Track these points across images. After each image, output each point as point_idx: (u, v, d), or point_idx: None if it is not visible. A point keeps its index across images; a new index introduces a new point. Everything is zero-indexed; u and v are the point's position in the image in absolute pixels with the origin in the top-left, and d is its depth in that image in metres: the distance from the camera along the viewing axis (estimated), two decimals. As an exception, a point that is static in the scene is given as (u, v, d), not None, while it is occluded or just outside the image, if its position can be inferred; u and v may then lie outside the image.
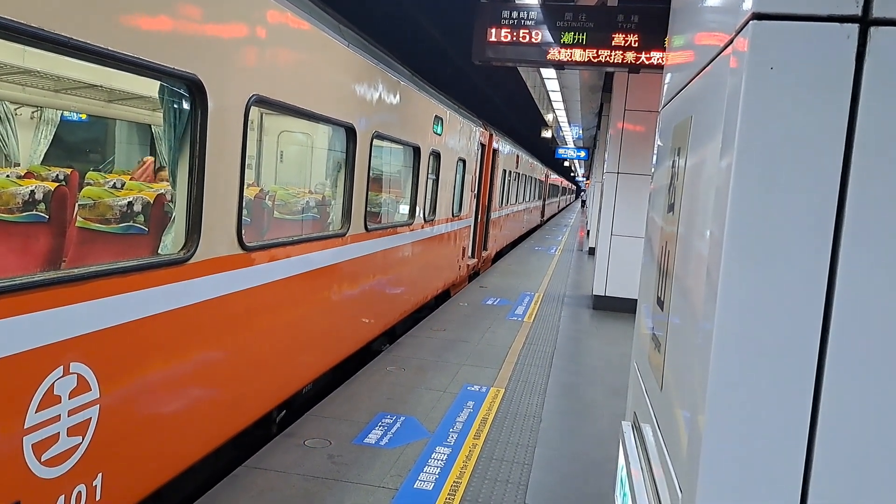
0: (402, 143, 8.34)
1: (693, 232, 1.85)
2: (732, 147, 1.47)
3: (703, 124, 1.86)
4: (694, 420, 1.60)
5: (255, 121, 8.82)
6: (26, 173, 6.38)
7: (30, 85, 7.45)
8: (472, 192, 13.56)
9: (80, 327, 3.16)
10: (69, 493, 3.19)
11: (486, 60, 8.22)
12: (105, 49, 3.14)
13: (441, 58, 47.13)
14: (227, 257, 4.38)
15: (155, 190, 4.96)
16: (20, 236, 4.63)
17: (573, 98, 18.24)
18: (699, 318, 1.64)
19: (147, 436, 3.81)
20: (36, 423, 2.95)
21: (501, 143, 16.81)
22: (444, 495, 4.60)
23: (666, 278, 2.21)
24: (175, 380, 4.01)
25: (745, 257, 1.47)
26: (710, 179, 1.67)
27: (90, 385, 3.25)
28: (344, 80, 6.16)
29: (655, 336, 2.31)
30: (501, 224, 18.91)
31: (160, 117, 4.24)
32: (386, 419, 5.90)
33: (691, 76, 2.13)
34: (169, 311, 3.82)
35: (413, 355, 8.03)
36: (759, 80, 1.44)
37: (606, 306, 11.96)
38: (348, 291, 6.85)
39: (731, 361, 1.49)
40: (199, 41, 3.88)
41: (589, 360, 8.84)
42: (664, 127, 2.68)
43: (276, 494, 4.44)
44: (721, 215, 1.51)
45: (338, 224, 6.60)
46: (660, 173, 2.66)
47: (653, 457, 2.11)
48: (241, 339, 4.73)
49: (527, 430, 5.93)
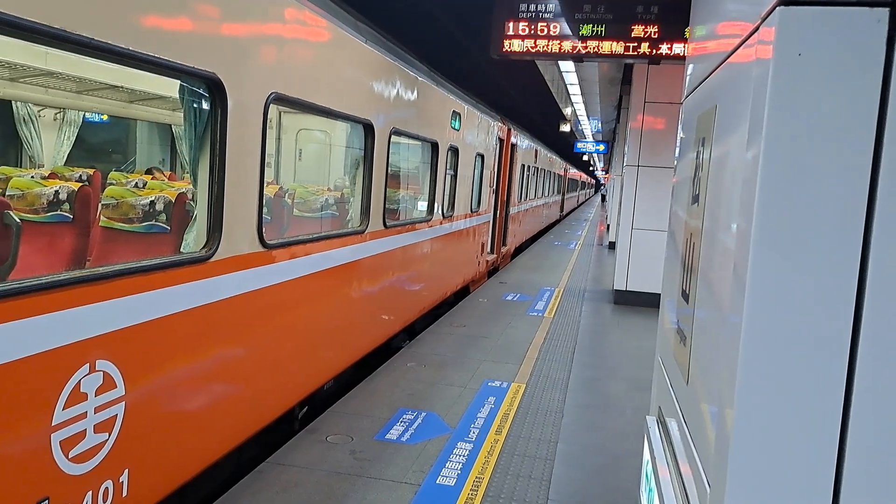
0: (419, 139, 8.33)
1: (719, 224, 1.82)
2: (760, 137, 1.45)
3: (728, 114, 1.83)
4: (722, 415, 1.57)
5: (274, 119, 8.86)
6: (50, 174, 6.45)
7: (52, 87, 7.53)
8: (491, 188, 13.52)
9: (106, 325, 3.19)
10: (96, 490, 3.23)
11: (504, 54, 8.18)
12: (126, 49, 3.16)
13: (458, 53, 47.04)
14: (249, 255, 4.40)
15: (176, 189, 5.00)
16: (46, 236, 4.69)
17: (592, 91, 18.11)
18: (726, 311, 1.62)
19: (172, 432, 3.84)
20: (63, 420, 2.99)
21: (520, 138, 16.75)
22: (467, 491, 4.59)
23: (691, 272, 2.18)
24: (198, 377, 4.04)
25: (773, 250, 1.44)
26: (737, 170, 1.64)
27: (116, 382, 3.28)
28: (361, 77, 6.17)
29: (680, 330, 2.28)
30: (520, 219, 18.84)
31: (180, 117, 4.26)
32: (407, 415, 5.90)
33: (715, 65, 2.10)
34: (192, 309, 3.84)
35: (433, 351, 8.03)
36: (786, 68, 1.41)
37: (628, 301, 11.89)
38: (368, 288, 6.86)
39: (760, 356, 1.46)
40: (218, 40, 3.89)
41: (611, 355, 8.79)
42: (687, 118, 2.65)
43: (299, 490, 4.47)
44: (748, 207, 1.48)
45: (357, 221, 6.61)
46: (683, 165, 2.62)
47: (679, 451, 2.08)
48: (262, 336, 4.75)
49: (549, 425, 5.91)
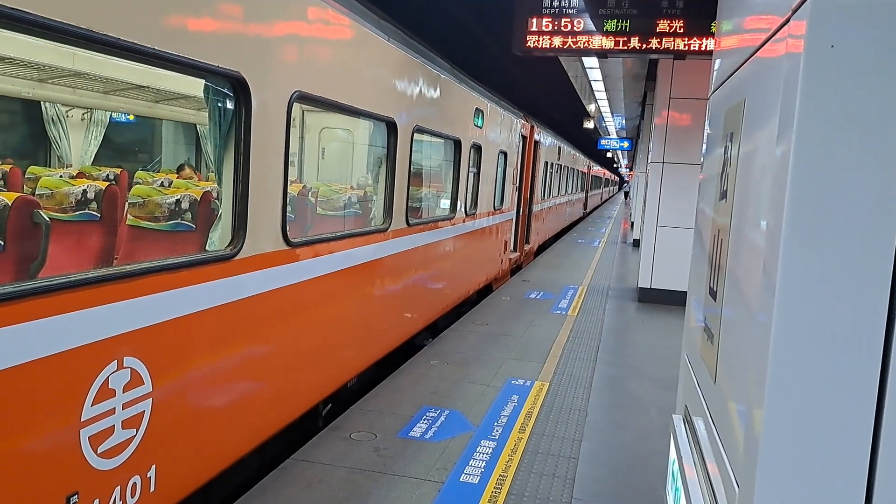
0: (442, 136, 8.32)
1: (748, 221, 1.79)
2: (790, 131, 1.42)
3: (757, 108, 1.80)
4: (751, 414, 1.55)
5: (297, 118, 8.91)
6: (78, 173, 6.56)
7: (80, 87, 7.65)
8: (514, 185, 13.48)
9: (132, 323, 3.23)
10: (125, 485, 3.27)
11: (527, 51, 8.14)
12: (152, 49, 3.19)
13: (481, 49, 46.95)
14: (273, 253, 4.42)
15: (202, 188, 5.04)
16: (74, 235, 4.76)
17: (616, 87, 17.97)
18: (755, 310, 1.59)
19: (198, 429, 3.88)
20: (92, 416, 3.03)
21: (543, 135, 16.67)
22: (491, 489, 4.58)
23: (719, 269, 2.15)
24: (224, 374, 4.08)
25: (804, 247, 1.41)
26: (766, 166, 1.61)
27: (143, 379, 3.32)
28: (384, 75, 6.17)
29: (708, 328, 2.25)
30: (544, 217, 18.76)
31: (205, 116, 4.30)
32: (430, 413, 5.90)
33: (744, 59, 2.06)
34: (217, 307, 3.88)
35: (456, 349, 8.03)
36: (818, 61, 1.38)
37: (652, 299, 11.79)
38: (390, 286, 6.87)
39: (790, 355, 1.43)
40: (242, 39, 3.92)
41: (635, 353, 8.72)
42: (714, 113, 2.61)
43: (323, 486, 4.49)
44: (779, 203, 1.45)
45: (379, 219, 6.62)
46: (710, 161, 2.59)
47: (706, 451, 2.06)
48: (286, 334, 4.78)
49: (572, 423, 5.88)
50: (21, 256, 3.77)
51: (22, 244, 3.76)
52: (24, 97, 7.33)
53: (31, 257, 3.83)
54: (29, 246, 3.81)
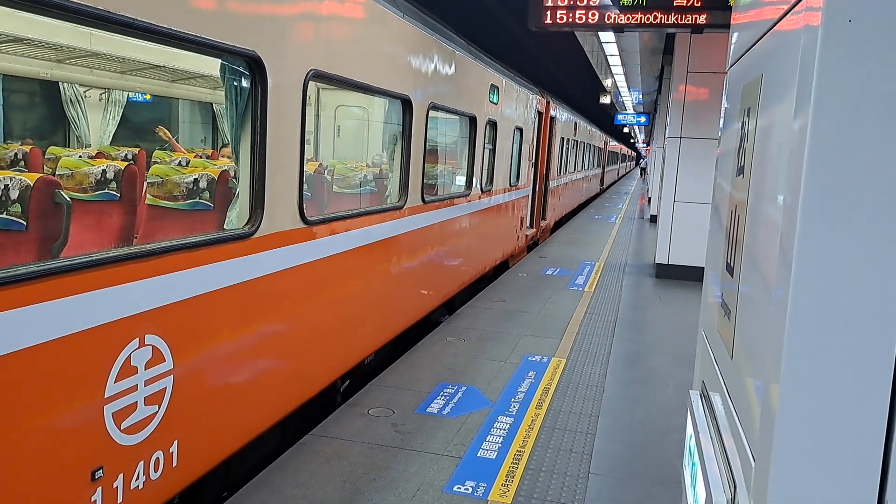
0: (458, 113, 8.29)
1: (765, 196, 1.78)
2: (808, 106, 1.41)
3: (774, 83, 1.78)
4: (767, 389, 1.55)
5: (313, 96, 8.90)
6: (97, 153, 6.61)
7: (97, 67, 7.69)
8: (530, 162, 13.42)
9: (153, 301, 3.28)
10: (148, 459, 3.34)
11: (544, 26, 8.05)
12: (168, 29, 3.20)
13: (496, 25, 46.45)
14: (290, 231, 4.46)
15: (219, 166, 5.07)
16: (94, 214, 4.82)
17: (633, 62, 17.75)
18: (772, 286, 1.59)
19: (219, 405, 3.94)
20: (115, 393, 3.09)
21: (559, 111, 16.54)
22: (508, 464, 4.63)
23: (735, 244, 2.14)
24: (243, 351, 4.13)
25: (821, 223, 1.40)
26: (784, 141, 1.60)
27: (164, 356, 3.37)
28: (399, 52, 6.15)
29: (725, 304, 2.25)
30: (560, 193, 18.68)
31: (221, 95, 4.31)
32: (447, 389, 5.95)
33: (761, 33, 2.04)
34: (235, 285, 3.92)
35: (472, 326, 8.07)
36: (835, 34, 1.36)
37: (669, 274, 11.74)
38: (407, 263, 6.90)
39: (806, 331, 1.43)
40: (257, 18, 3.91)
41: (652, 329, 8.71)
42: (732, 87, 2.58)
43: (343, 461, 4.56)
44: (796, 179, 1.44)
45: (395, 197, 6.63)
46: (728, 136, 2.56)
47: (723, 426, 2.07)
48: (304, 311, 4.83)
49: (590, 399, 5.90)
50: (43, 236, 3.83)
51: (44, 224, 3.82)
52: (43, 78, 7.39)
53: (53, 237, 3.88)
54: (51, 226, 3.86)
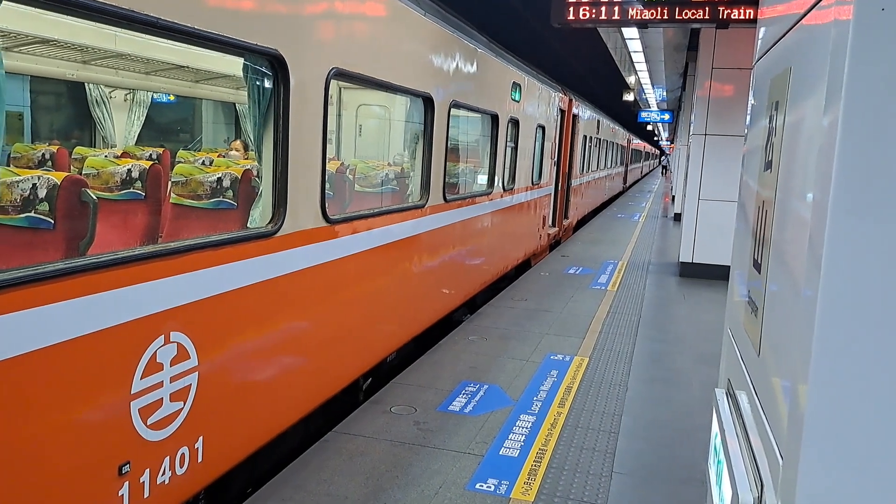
0: (479, 111, 8.27)
1: (793, 193, 1.75)
2: (838, 100, 1.38)
3: (803, 76, 1.75)
4: (795, 388, 1.53)
5: (334, 95, 8.94)
6: (122, 153, 6.69)
7: (122, 68, 7.78)
8: (552, 160, 13.35)
9: (179, 298, 3.31)
10: (174, 455, 3.38)
11: (566, 23, 8.01)
12: (192, 28, 3.23)
13: (518, 22, 46.27)
14: (312, 230, 4.47)
15: (242, 166, 5.11)
16: (120, 213, 4.88)
17: (656, 58, 17.59)
18: (800, 284, 1.56)
19: (243, 401, 3.97)
20: (141, 389, 3.13)
21: (581, 109, 16.45)
22: (530, 462, 4.61)
23: (763, 242, 2.11)
24: (267, 349, 4.16)
25: (851, 220, 1.37)
26: (813, 136, 1.57)
27: (189, 353, 3.40)
28: (421, 50, 6.14)
29: (752, 301, 2.22)
30: (582, 191, 18.57)
31: (244, 95, 4.34)
32: (469, 387, 5.95)
33: (789, 26, 2.00)
34: (259, 283, 3.95)
35: (494, 325, 8.05)
36: (868, 24, 1.33)
37: (694, 273, 11.63)
38: (428, 262, 6.90)
39: (835, 329, 1.41)
40: (279, 17, 3.93)
41: (676, 328, 8.63)
42: (759, 82, 2.54)
43: (365, 458, 4.57)
44: (826, 174, 1.42)
45: (417, 195, 6.63)
46: (755, 132, 2.53)
47: (749, 424, 2.04)
48: (327, 309, 4.85)
49: (612, 398, 5.86)
50: (71, 234, 3.88)
51: (71, 223, 3.87)
52: (69, 79, 7.49)
53: (80, 235, 3.93)
54: (78, 224, 3.91)
